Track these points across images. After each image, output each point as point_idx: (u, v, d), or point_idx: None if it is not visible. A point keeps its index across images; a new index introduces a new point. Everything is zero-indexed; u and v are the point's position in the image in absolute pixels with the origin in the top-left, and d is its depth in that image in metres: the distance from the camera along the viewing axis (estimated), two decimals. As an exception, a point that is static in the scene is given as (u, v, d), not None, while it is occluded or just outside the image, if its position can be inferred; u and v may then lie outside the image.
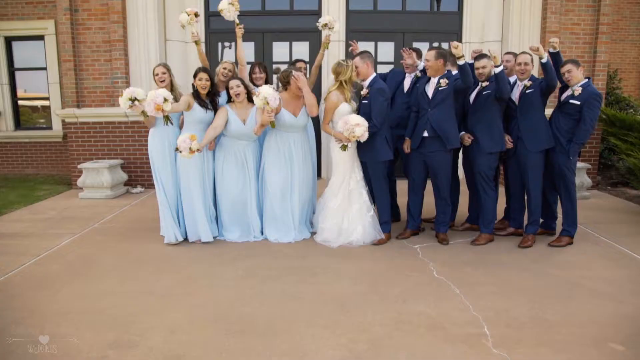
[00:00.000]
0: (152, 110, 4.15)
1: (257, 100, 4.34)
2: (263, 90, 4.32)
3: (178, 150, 4.34)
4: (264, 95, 4.29)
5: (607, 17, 7.28)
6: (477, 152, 4.73)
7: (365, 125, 4.39)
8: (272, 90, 4.33)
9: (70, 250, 4.73)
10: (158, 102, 4.15)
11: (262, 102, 4.31)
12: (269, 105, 4.32)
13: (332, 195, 4.79)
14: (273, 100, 4.30)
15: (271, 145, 4.81)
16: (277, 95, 4.36)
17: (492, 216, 4.86)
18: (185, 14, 4.91)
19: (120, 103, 4.17)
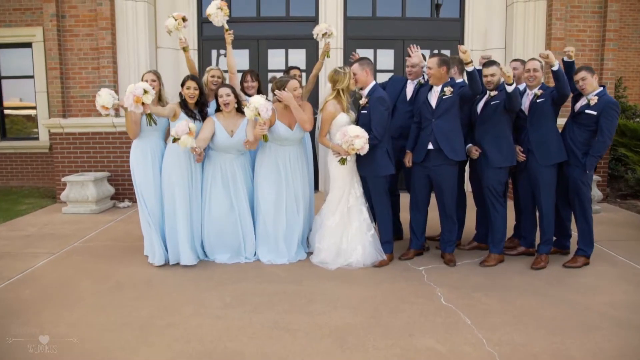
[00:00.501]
0: (132, 102, 3.85)
1: (248, 111, 3.99)
2: (254, 100, 3.98)
3: (176, 138, 4.00)
4: (255, 105, 3.94)
5: (614, 23, 7.01)
6: (485, 166, 4.40)
7: (365, 136, 4.06)
8: (264, 100, 3.99)
9: (46, 273, 4.36)
10: (137, 93, 3.85)
11: (253, 112, 3.96)
12: (261, 117, 3.96)
13: (330, 212, 4.44)
14: (265, 110, 3.94)
15: (264, 159, 4.46)
16: (269, 106, 4.00)
17: (502, 235, 4.52)
18: (172, 19, 4.58)
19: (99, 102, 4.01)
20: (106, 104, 4.05)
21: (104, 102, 4.05)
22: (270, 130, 4.32)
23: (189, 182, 4.39)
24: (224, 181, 4.47)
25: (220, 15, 4.71)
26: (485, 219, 4.76)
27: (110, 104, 4.07)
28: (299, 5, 8.05)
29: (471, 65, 3.97)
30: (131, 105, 3.87)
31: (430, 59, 4.27)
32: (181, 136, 3.97)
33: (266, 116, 3.95)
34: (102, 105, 4.06)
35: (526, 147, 4.38)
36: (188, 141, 3.99)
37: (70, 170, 7.51)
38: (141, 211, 4.48)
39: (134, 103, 3.86)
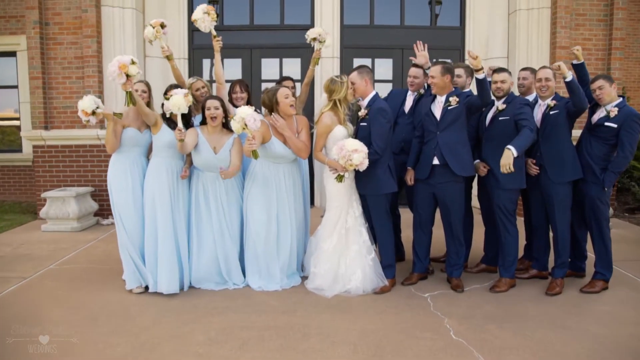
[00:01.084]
0: (116, 70, 3.60)
1: (234, 124, 3.59)
2: (240, 111, 3.59)
3: (167, 98, 3.79)
4: (241, 116, 3.55)
5: (620, 31, 6.75)
6: (494, 186, 4.06)
7: (365, 151, 3.70)
8: (251, 110, 3.60)
9: (14, 301, 3.95)
10: (124, 60, 3.62)
11: (240, 125, 3.57)
12: (249, 129, 3.58)
13: (326, 234, 4.06)
14: (252, 121, 3.54)
15: (256, 177, 4.09)
16: (257, 117, 3.61)
17: (514, 258, 4.16)
18: (150, 27, 4.21)
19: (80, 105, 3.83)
20: (86, 108, 3.81)
21: (84, 106, 3.84)
22: (265, 147, 3.96)
23: (172, 201, 4.01)
24: (208, 202, 4.09)
25: (207, 20, 4.36)
26: (495, 239, 4.41)
27: (90, 109, 3.82)
28: (294, 13, 7.76)
29: (482, 73, 3.65)
30: (114, 73, 3.61)
31: (433, 67, 3.95)
32: (175, 95, 3.72)
33: (254, 127, 3.56)
34: (82, 110, 3.84)
35: (538, 163, 4.05)
36: (180, 102, 3.69)
37: (52, 185, 7.10)
38: (119, 233, 4.09)
39: (117, 70, 3.60)
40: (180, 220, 4.07)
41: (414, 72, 4.52)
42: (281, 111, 3.99)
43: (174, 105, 3.75)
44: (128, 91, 3.73)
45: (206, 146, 3.96)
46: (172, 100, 3.75)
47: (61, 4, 6.96)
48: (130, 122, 4.06)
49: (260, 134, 3.81)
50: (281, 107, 3.98)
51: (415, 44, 4.37)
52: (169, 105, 3.78)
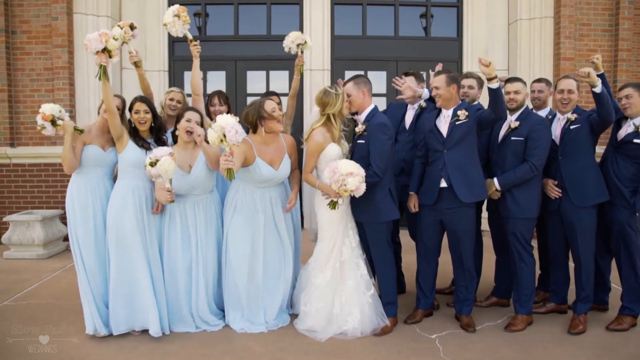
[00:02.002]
0: (97, 37, 3.20)
1: (212, 133, 3.02)
2: (221, 119, 3.03)
3: (153, 162, 3.20)
4: (221, 124, 2.99)
5: (627, 42, 6.41)
6: (507, 211, 3.60)
7: (361, 174, 3.21)
8: (234, 120, 3.04)
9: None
10: (114, 33, 3.32)
11: (217, 135, 3.00)
12: (227, 141, 3.00)
13: (318, 268, 3.55)
14: (233, 133, 2.98)
15: (239, 204, 3.57)
16: (239, 128, 3.05)
17: (531, 291, 3.68)
18: (118, 27, 3.71)
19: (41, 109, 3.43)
20: (47, 111, 3.39)
21: (46, 108, 3.43)
22: (249, 170, 3.45)
23: (141, 231, 3.47)
24: (186, 230, 3.57)
25: (178, 24, 3.87)
26: (507, 269, 3.94)
27: (51, 112, 3.40)
28: (282, 22, 7.32)
29: (496, 81, 3.20)
30: (95, 40, 3.18)
31: (437, 77, 3.50)
32: (161, 158, 3.14)
33: (234, 140, 3.00)
34: (43, 112, 3.41)
35: (559, 185, 3.59)
36: (169, 166, 3.13)
37: (19, 207, 6.50)
38: (78, 268, 3.53)
39: (100, 37, 3.18)
40: (154, 254, 3.53)
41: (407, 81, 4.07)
42: (267, 128, 3.49)
43: (164, 172, 3.14)
44: (103, 65, 3.23)
45: (177, 169, 3.44)
46: (159, 167, 3.13)
47: (29, 11, 6.45)
48: (93, 139, 3.54)
49: (241, 152, 3.31)
50: (267, 123, 3.49)
51: (394, 80, 4.01)
52: (155, 172, 3.17)
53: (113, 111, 3.38)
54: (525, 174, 3.47)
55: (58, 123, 3.39)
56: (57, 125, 3.40)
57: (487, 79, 3.24)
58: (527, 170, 3.47)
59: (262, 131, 3.48)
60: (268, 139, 3.52)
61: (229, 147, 3.02)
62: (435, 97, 3.49)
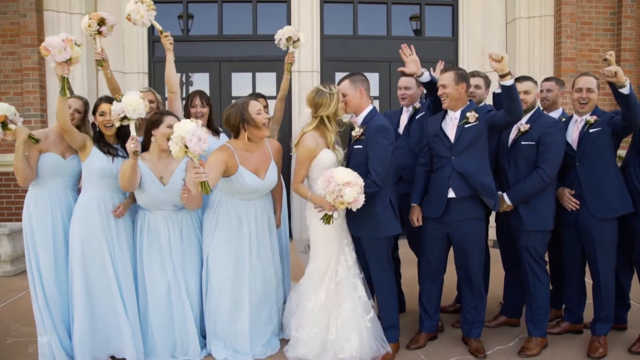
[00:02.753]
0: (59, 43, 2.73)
1: (172, 145, 2.61)
2: (179, 127, 2.60)
3: None
4: (179, 134, 2.57)
5: (629, 42, 6.16)
6: (519, 224, 3.26)
7: (360, 184, 2.84)
8: (194, 125, 2.61)
9: None
10: (70, 37, 2.79)
11: (179, 147, 2.57)
12: (190, 151, 2.58)
13: (311, 290, 3.16)
14: (196, 142, 2.55)
15: (221, 218, 3.16)
16: (202, 133, 2.62)
17: (546, 311, 3.33)
18: (87, 19, 3.30)
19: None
20: (73, 41, 2.84)
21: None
22: (231, 181, 3.05)
23: (110, 250, 3.06)
24: (160, 250, 3.16)
25: (142, 10, 3.44)
26: (517, 286, 3.62)
27: (4, 111, 2.95)
28: (268, 22, 6.95)
29: (510, 78, 2.86)
30: (55, 48, 2.72)
31: (444, 74, 3.15)
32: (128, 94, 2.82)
33: (198, 150, 2.58)
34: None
35: (576, 194, 3.25)
36: (137, 102, 2.80)
37: (-16, 219, 6.03)
38: (35, 292, 3.07)
39: (63, 44, 2.73)
40: (126, 275, 3.12)
41: (404, 83, 3.72)
42: (251, 133, 3.09)
43: (129, 106, 2.76)
44: (65, 77, 2.81)
45: (151, 178, 3.03)
46: (125, 100, 2.77)
47: (-5, 8, 6.01)
48: (50, 146, 3.10)
49: (220, 161, 2.92)
50: (252, 129, 3.08)
51: (401, 49, 3.51)
52: (120, 107, 2.78)
53: (69, 129, 2.99)
54: (536, 184, 3.15)
55: (9, 127, 2.96)
56: (7, 129, 2.96)
57: (499, 76, 2.90)
58: (537, 180, 3.14)
59: (245, 136, 3.09)
60: (252, 145, 3.13)
61: (195, 158, 2.61)
62: (442, 96, 3.13)
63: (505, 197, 3.22)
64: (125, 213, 3.11)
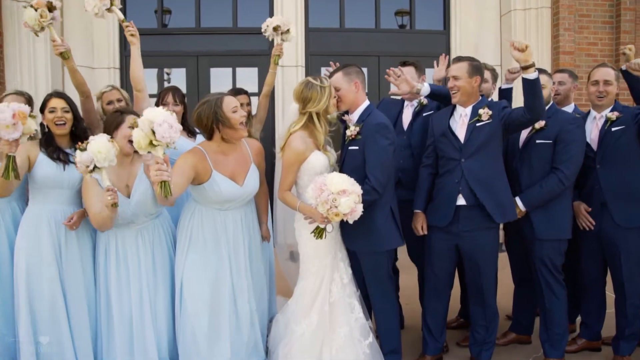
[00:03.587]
0: (6, 120, 2.24)
1: (138, 133, 2.15)
2: (147, 113, 2.17)
3: None
4: (148, 118, 2.13)
5: (629, 35, 5.88)
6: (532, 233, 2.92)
7: (357, 192, 2.44)
8: (165, 113, 2.17)
9: None
10: (24, 110, 2.31)
11: (145, 134, 2.12)
12: (157, 140, 2.12)
13: (302, 313, 2.75)
14: (166, 127, 2.11)
15: (194, 233, 2.72)
16: (174, 122, 2.18)
17: (564, 329, 2.99)
18: (31, 10, 2.78)
19: None
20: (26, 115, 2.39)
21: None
22: (204, 188, 2.63)
23: (60, 271, 2.63)
24: (127, 270, 2.72)
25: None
26: (526, 301, 3.30)
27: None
28: (249, 14, 6.53)
29: (534, 70, 2.51)
30: (6, 120, 2.24)
31: (457, 64, 2.78)
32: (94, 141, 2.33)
33: (168, 138, 2.13)
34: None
35: (597, 201, 2.92)
36: (105, 149, 2.32)
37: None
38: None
39: (12, 120, 2.25)
40: (78, 300, 2.68)
41: (406, 73, 3.32)
42: (226, 133, 2.66)
43: (98, 154, 2.26)
44: (12, 156, 2.34)
45: None
46: (92, 148, 2.27)
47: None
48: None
49: (188, 166, 2.51)
50: (227, 130, 2.64)
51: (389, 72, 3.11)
52: (88, 156, 2.27)
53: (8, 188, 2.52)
54: (554, 187, 2.81)
55: None
56: None
57: (521, 68, 2.56)
58: (555, 183, 2.81)
59: (219, 137, 2.66)
60: (227, 146, 2.70)
61: (161, 150, 2.16)
62: (452, 90, 2.76)
63: (518, 202, 2.88)
64: (79, 224, 2.64)
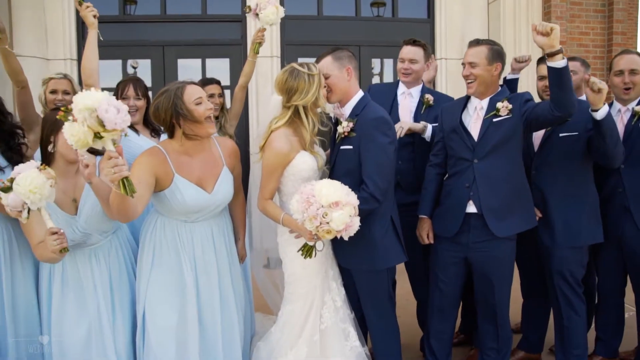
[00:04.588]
0: None
1: (76, 129, 1.62)
2: (84, 97, 1.63)
3: None
4: (86, 104, 1.61)
5: (622, 24, 5.67)
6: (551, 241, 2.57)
7: (353, 202, 2.01)
8: (103, 94, 1.66)
9: None
10: None
11: (89, 124, 1.61)
12: (106, 130, 1.63)
13: (288, 343, 2.32)
14: (113, 112, 1.62)
15: (157, 249, 2.25)
16: (121, 106, 1.67)
17: (584, 349, 2.67)
18: None
19: None
20: None
21: None
22: (164, 196, 2.15)
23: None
24: (77, 292, 2.25)
25: None
26: (536, 316, 2.96)
27: None
28: (220, 1, 6.05)
29: (561, 58, 2.15)
30: None
31: (474, 48, 2.41)
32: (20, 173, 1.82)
33: (120, 123, 1.64)
34: None
35: (619, 204, 2.59)
36: (39, 184, 1.82)
37: None
38: None
39: None
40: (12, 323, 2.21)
41: (410, 54, 2.87)
42: (190, 129, 2.19)
43: (28, 193, 1.79)
44: None
45: (57, 208, 2.10)
46: (19, 187, 1.79)
47: None
48: None
49: (143, 169, 2.05)
50: (190, 123, 2.16)
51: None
52: (15, 200, 1.82)
53: None
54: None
55: None
56: None
57: (547, 55, 2.19)
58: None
59: (182, 135, 2.19)
60: (193, 145, 2.24)
61: (110, 142, 1.68)
62: (467, 78, 2.38)
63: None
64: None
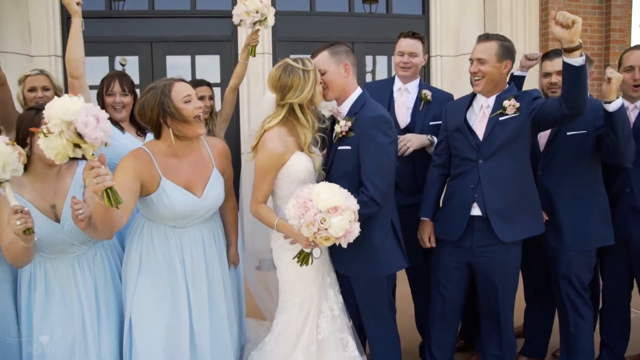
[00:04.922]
0: None
1: (51, 141, 1.52)
2: (58, 107, 1.51)
3: None
4: (63, 117, 1.49)
5: (619, 20, 5.61)
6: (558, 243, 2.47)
7: (353, 207, 1.89)
8: (79, 101, 1.54)
9: None
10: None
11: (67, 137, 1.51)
12: (85, 143, 1.53)
13: (283, 354, 2.19)
14: (93, 124, 1.52)
15: (144, 257, 2.12)
16: (100, 112, 1.58)
17: (590, 356, 2.57)
18: None
19: None
20: None
21: None
22: (151, 201, 2.02)
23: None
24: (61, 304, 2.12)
25: None
26: (540, 320, 2.85)
27: None
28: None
29: (579, 54, 2.03)
30: None
31: (483, 43, 2.33)
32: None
33: (100, 135, 1.55)
34: None
35: (626, 205, 2.49)
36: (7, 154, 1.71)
37: None
38: None
39: None
40: None
41: (409, 47, 2.73)
42: (178, 130, 2.06)
43: None
44: None
45: (37, 213, 1.96)
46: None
47: None
48: None
49: (128, 175, 1.91)
50: (178, 122, 2.03)
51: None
52: None
53: None
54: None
55: None
56: None
57: (564, 50, 2.07)
58: None
59: (170, 136, 2.05)
60: (181, 147, 2.10)
61: (90, 153, 1.57)
62: (475, 76, 2.28)
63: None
64: None
